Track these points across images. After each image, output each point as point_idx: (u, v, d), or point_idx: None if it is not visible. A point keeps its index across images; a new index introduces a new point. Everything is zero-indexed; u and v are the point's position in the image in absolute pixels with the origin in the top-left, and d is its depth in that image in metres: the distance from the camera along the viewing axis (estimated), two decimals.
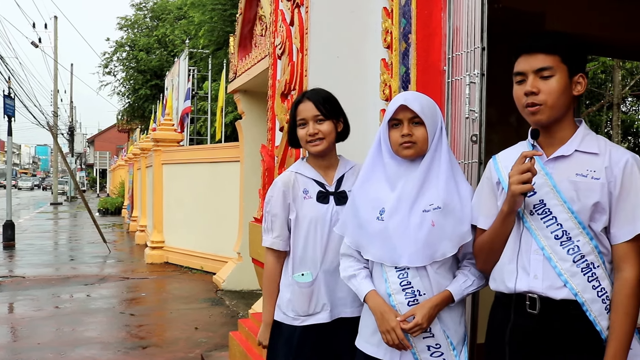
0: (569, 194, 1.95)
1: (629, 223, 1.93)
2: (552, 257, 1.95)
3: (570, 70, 2.01)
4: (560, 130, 2.04)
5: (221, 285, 9.18)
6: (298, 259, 2.67)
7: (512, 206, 1.98)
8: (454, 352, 2.24)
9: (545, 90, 1.98)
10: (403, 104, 2.24)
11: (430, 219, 2.20)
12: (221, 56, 17.22)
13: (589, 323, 1.92)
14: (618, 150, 2.01)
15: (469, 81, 2.61)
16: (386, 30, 3.16)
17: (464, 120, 2.63)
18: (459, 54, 2.74)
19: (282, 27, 4.43)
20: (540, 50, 1.99)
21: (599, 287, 1.93)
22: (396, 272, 2.25)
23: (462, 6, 2.75)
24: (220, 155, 10.74)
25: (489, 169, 2.20)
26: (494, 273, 2.11)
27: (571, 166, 1.99)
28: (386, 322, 2.21)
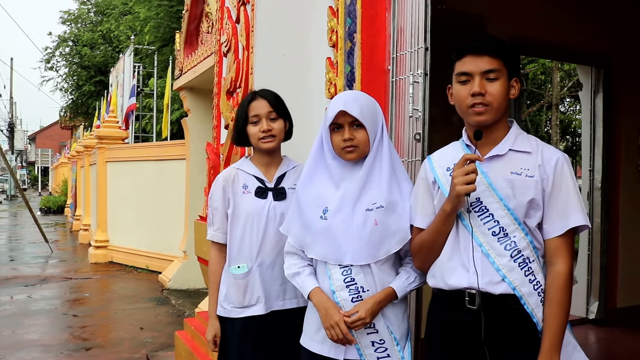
0: (505, 192, 2.00)
1: (561, 219, 2.00)
2: (491, 253, 2.00)
3: (509, 73, 2.06)
4: (495, 130, 2.08)
5: (167, 284, 9.06)
6: (235, 252, 2.72)
7: (455, 206, 2.00)
8: (397, 347, 2.27)
9: (491, 92, 2.01)
10: (342, 110, 2.25)
11: (373, 218, 2.23)
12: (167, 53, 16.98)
13: (526, 315, 1.97)
14: (549, 149, 2.08)
15: (413, 80, 2.64)
16: (332, 29, 3.17)
17: (408, 119, 2.66)
18: (403, 53, 2.77)
19: (228, 24, 4.39)
20: (487, 52, 2.03)
21: (534, 280, 1.99)
22: (340, 270, 2.27)
23: (406, 7, 2.78)
24: (166, 153, 10.59)
25: (424, 169, 2.22)
26: (433, 270, 2.14)
27: (506, 165, 2.04)
28: (330, 317, 2.23)
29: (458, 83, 2.07)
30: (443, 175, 2.09)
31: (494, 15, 5.25)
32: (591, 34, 5.96)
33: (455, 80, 2.09)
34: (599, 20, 6.00)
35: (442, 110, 3.32)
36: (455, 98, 2.09)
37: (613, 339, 5.74)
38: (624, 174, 6.23)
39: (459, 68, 2.07)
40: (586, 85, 6.35)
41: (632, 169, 6.31)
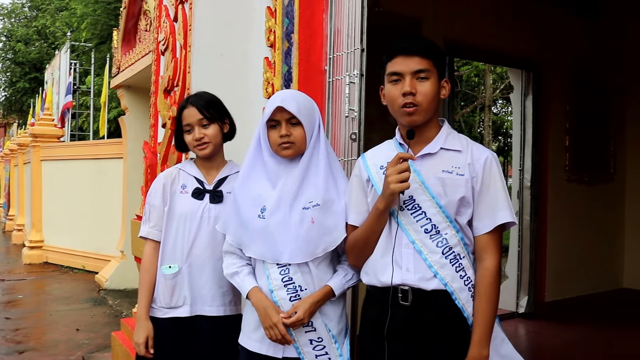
0: (436, 190, 2.03)
1: (490, 216, 2.05)
2: (423, 250, 2.02)
3: (439, 74, 2.09)
4: (427, 130, 2.10)
5: (104, 284, 8.85)
6: (167, 251, 2.67)
7: (388, 204, 2.02)
8: (335, 344, 2.28)
9: (422, 92, 2.04)
10: (280, 106, 2.25)
11: (310, 216, 2.23)
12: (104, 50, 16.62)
13: (457, 310, 2.01)
14: (479, 148, 2.12)
15: (349, 81, 2.65)
16: (269, 29, 3.16)
17: (344, 118, 2.67)
18: (340, 54, 2.78)
19: (166, 22, 4.32)
20: (417, 53, 2.05)
21: (465, 276, 2.03)
22: (278, 269, 2.26)
23: (343, 8, 2.79)
24: (103, 152, 10.35)
25: (358, 167, 2.23)
26: (367, 268, 2.15)
27: (437, 163, 2.07)
28: (269, 318, 2.22)
29: (389, 83, 2.09)
30: (377, 173, 2.10)
31: (430, 18, 5.34)
32: (522, 38, 6.13)
33: (387, 80, 2.10)
34: (529, 26, 6.18)
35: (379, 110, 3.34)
36: (387, 98, 2.11)
37: (541, 332, 5.93)
38: (552, 173, 6.44)
39: (390, 68, 2.08)
40: (517, 88, 6.53)
41: (559, 169, 6.53)
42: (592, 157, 6.90)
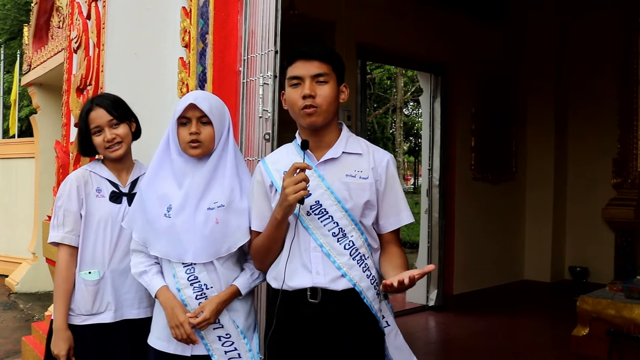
0: (342, 194, 2.05)
1: (395, 215, 2.13)
2: (331, 253, 2.04)
3: (339, 79, 2.11)
4: (328, 134, 2.12)
5: (15, 288, 8.45)
6: (87, 257, 2.56)
7: (286, 214, 2.01)
8: (244, 340, 2.28)
9: (321, 94, 2.05)
10: (192, 103, 2.23)
11: (214, 217, 2.22)
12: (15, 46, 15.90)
13: (366, 308, 2.05)
14: (379, 151, 2.17)
15: (263, 82, 2.65)
16: (184, 29, 3.11)
17: (258, 119, 2.67)
18: (254, 56, 2.77)
19: (79, 20, 4.18)
20: (316, 57, 2.06)
21: (371, 275, 2.07)
22: (184, 268, 2.25)
23: (258, 11, 2.78)
24: (13, 151, 9.88)
25: (259, 172, 2.20)
26: (274, 273, 2.14)
27: (341, 168, 2.09)
28: (175, 317, 2.21)
29: (290, 87, 2.09)
30: (280, 179, 2.08)
31: (343, 23, 5.40)
32: (430, 43, 6.30)
33: (288, 84, 2.10)
34: (437, 31, 6.35)
35: None
36: (288, 102, 2.11)
37: (450, 323, 6.12)
38: (459, 172, 6.65)
39: (290, 72, 2.09)
40: (426, 91, 6.70)
41: (466, 168, 6.75)
42: (495, 156, 7.17)
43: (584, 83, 7.34)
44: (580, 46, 7.38)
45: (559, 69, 7.43)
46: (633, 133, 6.99)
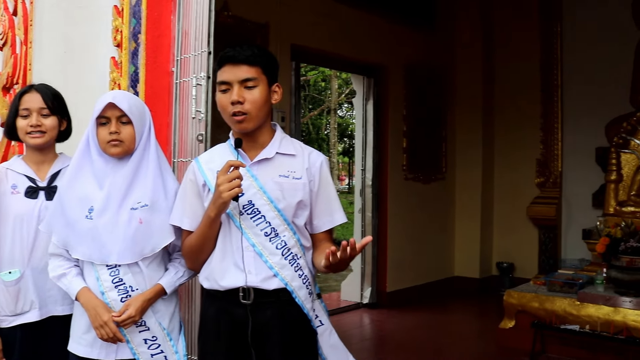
0: (275, 194, 2.05)
1: (328, 215, 2.14)
2: (263, 253, 2.03)
3: (270, 80, 2.09)
4: (261, 135, 2.11)
5: None
6: (5, 256, 2.45)
7: (220, 212, 1.99)
8: (170, 342, 2.24)
9: (250, 100, 2.02)
10: (111, 102, 2.18)
11: (138, 217, 2.17)
12: None
13: (298, 307, 2.06)
14: (313, 152, 2.18)
15: (196, 83, 2.62)
16: (116, 28, 3.04)
17: (191, 120, 2.63)
18: (187, 56, 2.73)
19: (5, 16, 4.03)
20: (244, 61, 2.04)
21: (303, 275, 2.08)
22: (107, 270, 2.19)
23: (191, 11, 2.75)
24: None
25: (192, 171, 2.17)
26: (207, 273, 2.11)
27: (274, 168, 2.08)
28: (99, 316, 2.14)
29: (220, 92, 2.07)
30: (213, 178, 2.05)
31: (277, 25, 5.40)
32: (363, 46, 6.37)
33: (218, 89, 2.08)
34: (370, 35, 6.43)
35: None
36: (219, 106, 2.09)
37: (384, 320, 6.21)
38: (391, 172, 6.76)
39: (219, 77, 2.07)
40: (359, 93, 6.78)
41: (398, 168, 6.87)
42: (426, 157, 7.32)
43: (509, 87, 7.62)
44: (505, 53, 7.66)
45: (485, 74, 7.67)
46: (555, 135, 7.29)
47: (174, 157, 2.71)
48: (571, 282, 5.04)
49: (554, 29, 7.28)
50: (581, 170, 7.06)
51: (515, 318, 5.12)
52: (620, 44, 6.76)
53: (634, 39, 6.76)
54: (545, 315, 4.87)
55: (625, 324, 4.51)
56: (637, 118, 5.74)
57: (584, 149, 7.01)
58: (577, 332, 4.67)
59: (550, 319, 4.82)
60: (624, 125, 5.83)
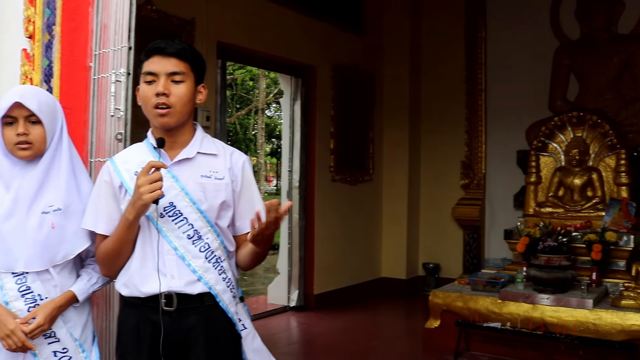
0: (197, 195, 1.99)
1: (251, 216, 2.04)
2: (186, 256, 1.97)
3: (196, 79, 2.04)
4: (182, 134, 2.05)
5: None
6: None
7: (139, 214, 1.92)
8: (83, 354, 2.12)
9: (176, 94, 1.97)
10: (18, 101, 2.04)
11: (50, 221, 2.05)
12: None
13: (222, 311, 2.01)
14: (235, 152, 2.13)
15: (115, 79, 2.51)
16: (28, 18, 2.88)
17: (109, 118, 2.52)
18: (106, 51, 2.62)
19: None
20: (174, 54, 1.98)
21: (226, 278, 2.03)
22: (13, 278, 2.04)
23: (111, 3, 2.64)
24: None
25: (107, 172, 2.06)
26: (125, 280, 2.02)
27: (196, 168, 2.02)
28: (4, 326, 1.98)
29: (145, 83, 2.00)
30: (131, 180, 1.98)
31: (203, 21, 5.29)
32: (292, 46, 6.35)
33: (142, 80, 2.01)
34: (298, 35, 6.42)
35: None
36: (142, 98, 2.01)
37: (311, 322, 6.20)
38: (319, 174, 6.76)
39: (146, 67, 2.00)
40: (286, 93, 6.76)
41: (325, 170, 6.88)
42: (354, 158, 7.37)
43: (436, 90, 7.80)
44: (432, 56, 7.84)
45: (412, 77, 7.81)
46: (479, 138, 7.51)
47: (91, 157, 2.58)
48: (493, 281, 5.19)
49: (479, 34, 7.51)
50: (503, 172, 7.31)
51: (441, 317, 5.21)
52: (540, 52, 7.05)
53: (553, 47, 7.06)
54: (469, 314, 4.99)
55: (543, 320, 4.69)
56: (555, 123, 5.97)
57: (506, 152, 7.26)
58: (498, 329, 4.81)
59: (473, 317, 4.94)
60: (543, 130, 6.04)
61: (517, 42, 7.19)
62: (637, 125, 6.37)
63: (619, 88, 6.73)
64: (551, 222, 5.49)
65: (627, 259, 5.24)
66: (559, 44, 7.07)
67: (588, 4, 6.87)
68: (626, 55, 6.65)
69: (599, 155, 5.79)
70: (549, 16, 7.10)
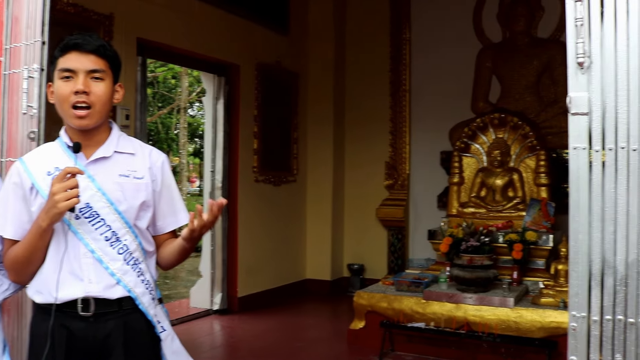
0: (115, 196, 1.96)
1: (172, 215, 2.10)
2: (104, 259, 1.93)
3: (114, 77, 2.02)
4: (98, 133, 2.01)
5: None
6: None
7: (53, 222, 1.87)
8: None
9: (96, 92, 1.93)
10: None
11: None
12: None
13: (142, 314, 1.99)
14: (154, 151, 2.12)
15: (28, 75, 2.44)
16: None
17: (22, 115, 2.45)
18: (18, 45, 2.54)
19: None
20: (94, 51, 1.94)
21: (145, 280, 2.01)
22: None
23: None
24: None
25: (16, 173, 1.99)
26: (38, 286, 1.96)
27: (113, 167, 2.00)
28: None
29: (60, 80, 1.94)
30: (43, 180, 1.93)
31: (123, 16, 5.18)
32: (215, 44, 6.31)
33: (58, 76, 1.95)
34: (222, 33, 6.38)
35: None
36: (57, 96, 1.96)
37: (235, 326, 6.18)
38: (242, 174, 6.74)
39: (62, 64, 1.94)
40: (209, 92, 6.70)
41: (248, 170, 6.86)
42: (278, 159, 7.40)
43: (360, 91, 7.94)
44: (357, 57, 7.97)
45: (337, 77, 7.91)
46: (403, 138, 7.69)
47: (2, 157, 2.50)
48: (417, 281, 5.32)
49: (404, 35, 7.67)
50: (427, 173, 7.51)
51: (365, 318, 5.30)
52: (463, 53, 7.28)
53: (476, 50, 7.30)
54: (394, 315, 5.10)
55: (466, 319, 4.84)
56: (477, 124, 6.19)
57: (430, 153, 7.47)
58: (422, 329, 4.94)
59: (398, 318, 5.06)
60: (466, 131, 6.25)
61: (441, 44, 7.40)
62: (557, 127, 6.63)
63: (539, 90, 7.04)
64: (474, 222, 5.68)
65: (546, 258, 5.48)
66: (482, 46, 7.31)
67: (509, 8, 7.15)
68: (545, 59, 6.95)
69: (520, 157, 6.04)
70: (472, 19, 7.33)
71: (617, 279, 1.78)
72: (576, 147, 1.83)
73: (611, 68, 1.78)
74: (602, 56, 1.80)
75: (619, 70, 1.78)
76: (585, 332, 1.81)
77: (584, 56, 1.80)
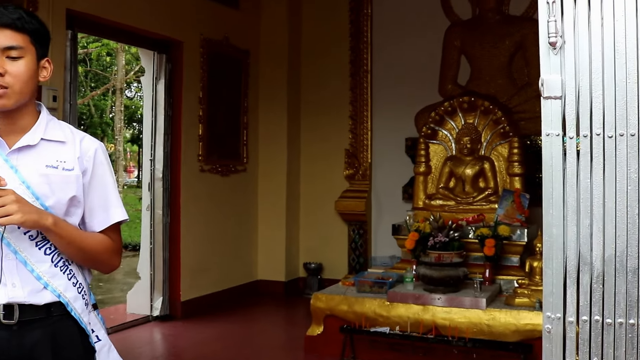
0: (41, 189, 1.92)
1: (103, 212, 2.04)
2: (28, 261, 1.90)
3: (39, 53, 1.96)
4: (22, 117, 1.96)
5: None
6: None
7: None
8: None
9: (13, 73, 1.87)
10: None
11: None
12: None
13: (74, 321, 1.96)
14: (87, 138, 2.07)
15: None
16: None
17: None
18: None
19: None
20: (9, 26, 1.88)
21: (77, 283, 1.98)
22: None
23: None
24: None
25: None
26: None
27: (40, 157, 1.95)
28: None
29: None
30: None
31: None
32: (155, 18, 6.22)
33: None
34: (164, 6, 6.31)
35: None
36: None
37: (178, 333, 6.13)
38: (185, 163, 6.68)
39: None
40: (148, 71, 6.61)
41: (193, 159, 6.80)
42: (226, 146, 7.37)
43: (317, 72, 7.92)
44: (313, 39, 7.97)
45: (292, 57, 7.90)
46: (364, 124, 7.70)
47: None
48: (381, 281, 5.35)
49: (365, 10, 7.67)
50: (391, 161, 7.54)
51: (324, 323, 5.32)
52: (431, 32, 7.32)
53: (444, 28, 7.34)
54: (355, 319, 5.11)
55: (435, 322, 4.89)
56: (445, 108, 6.22)
57: (394, 140, 7.49)
58: (387, 334, 4.96)
59: (360, 322, 5.07)
60: (432, 116, 6.29)
61: (406, 21, 7.43)
62: (531, 112, 6.64)
63: (512, 72, 7.13)
64: (442, 216, 5.74)
65: (520, 254, 5.57)
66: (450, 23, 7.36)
67: None
68: (518, 38, 7.03)
69: (491, 144, 6.11)
70: None
71: (594, 276, 1.82)
72: (549, 134, 1.86)
73: (585, 49, 1.81)
74: (575, 36, 1.82)
75: (593, 51, 1.81)
76: (561, 335, 1.85)
77: (556, 35, 1.83)
